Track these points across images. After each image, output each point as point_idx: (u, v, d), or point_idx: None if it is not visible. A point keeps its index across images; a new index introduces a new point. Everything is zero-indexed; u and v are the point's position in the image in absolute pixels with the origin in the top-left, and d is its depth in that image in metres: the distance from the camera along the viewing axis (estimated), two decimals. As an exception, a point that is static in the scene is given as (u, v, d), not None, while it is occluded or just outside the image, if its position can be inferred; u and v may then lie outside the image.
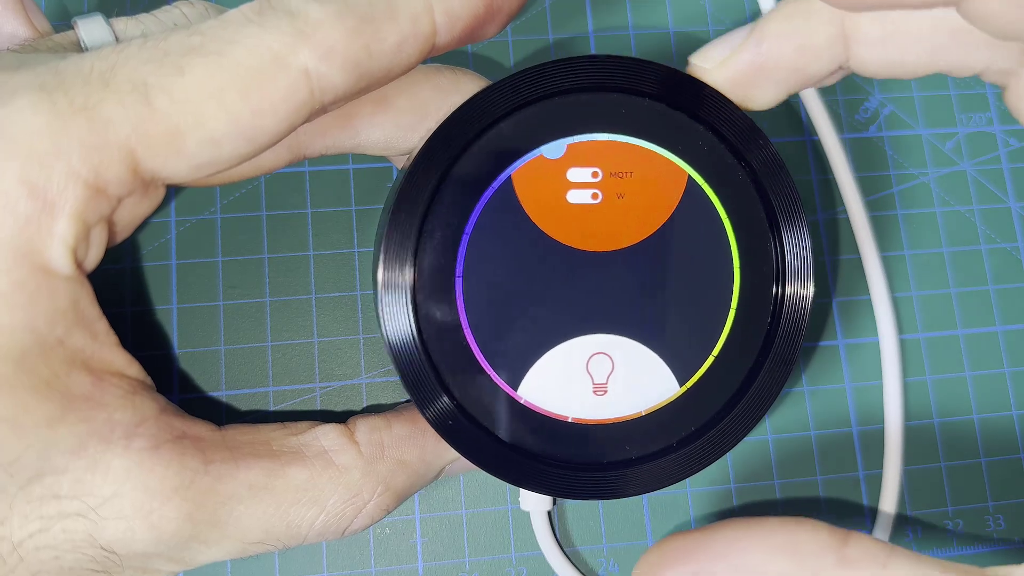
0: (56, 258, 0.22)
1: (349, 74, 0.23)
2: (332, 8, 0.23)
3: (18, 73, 0.23)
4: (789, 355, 0.27)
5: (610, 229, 0.27)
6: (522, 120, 0.27)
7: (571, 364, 0.27)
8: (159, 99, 0.22)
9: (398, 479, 0.27)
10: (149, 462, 0.24)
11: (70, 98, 0.22)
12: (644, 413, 0.28)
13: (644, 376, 0.27)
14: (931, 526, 0.33)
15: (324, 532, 0.27)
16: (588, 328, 0.27)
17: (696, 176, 0.27)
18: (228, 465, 0.25)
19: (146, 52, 0.23)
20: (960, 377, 0.35)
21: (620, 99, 0.27)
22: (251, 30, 0.23)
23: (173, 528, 0.24)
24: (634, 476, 0.27)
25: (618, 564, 0.32)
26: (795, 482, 0.33)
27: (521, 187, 0.27)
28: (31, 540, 0.23)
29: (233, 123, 0.22)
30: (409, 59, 0.24)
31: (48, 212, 0.22)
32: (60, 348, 0.23)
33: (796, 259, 0.28)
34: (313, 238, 0.33)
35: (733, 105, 0.27)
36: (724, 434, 0.27)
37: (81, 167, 0.22)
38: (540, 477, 0.27)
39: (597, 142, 0.27)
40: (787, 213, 0.27)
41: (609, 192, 0.27)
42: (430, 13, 0.24)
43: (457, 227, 0.26)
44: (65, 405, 0.23)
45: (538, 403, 0.27)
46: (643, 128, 0.27)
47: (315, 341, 0.33)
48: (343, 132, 0.27)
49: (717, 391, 0.28)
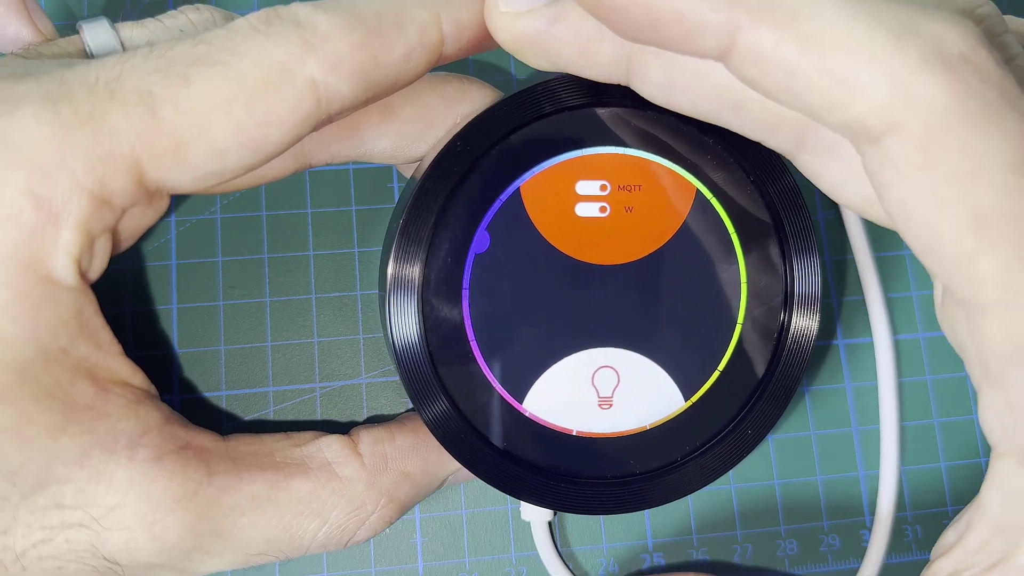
0: (60, 269, 0.22)
1: (356, 84, 0.23)
2: (340, 19, 0.23)
3: (23, 82, 0.22)
4: (795, 372, 0.27)
5: (618, 242, 0.27)
6: (532, 133, 0.26)
7: (577, 377, 0.27)
8: (165, 110, 0.22)
9: (401, 491, 0.27)
10: (152, 472, 0.24)
11: (75, 108, 0.22)
12: (649, 427, 0.28)
13: (649, 390, 0.27)
14: (931, 526, 0.33)
15: (327, 544, 0.27)
16: (594, 341, 0.27)
17: (705, 191, 0.27)
18: (231, 476, 0.25)
19: (152, 62, 0.22)
20: (960, 377, 0.35)
21: (630, 113, 0.27)
22: (258, 40, 0.22)
23: (176, 539, 0.24)
24: (637, 491, 0.27)
25: (618, 564, 0.32)
26: (795, 482, 0.33)
27: (530, 199, 0.27)
28: (34, 550, 0.23)
29: (239, 134, 0.22)
30: (416, 69, 0.24)
31: (52, 223, 0.22)
32: (64, 358, 0.23)
33: (805, 285, 0.28)
34: (313, 238, 0.33)
35: None
36: (728, 450, 0.27)
37: (85, 178, 0.22)
38: (543, 490, 0.27)
39: (606, 155, 0.27)
40: (800, 241, 0.27)
41: (617, 205, 0.27)
42: (437, 24, 0.24)
43: (465, 238, 0.26)
44: (68, 415, 0.23)
45: (543, 416, 0.27)
46: (653, 142, 0.27)
47: (315, 341, 0.33)
48: (349, 141, 0.27)
49: (722, 407, 0.28)
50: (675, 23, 0.20)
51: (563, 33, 0.23)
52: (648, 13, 0.20)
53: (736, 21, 0.19)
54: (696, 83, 0.23)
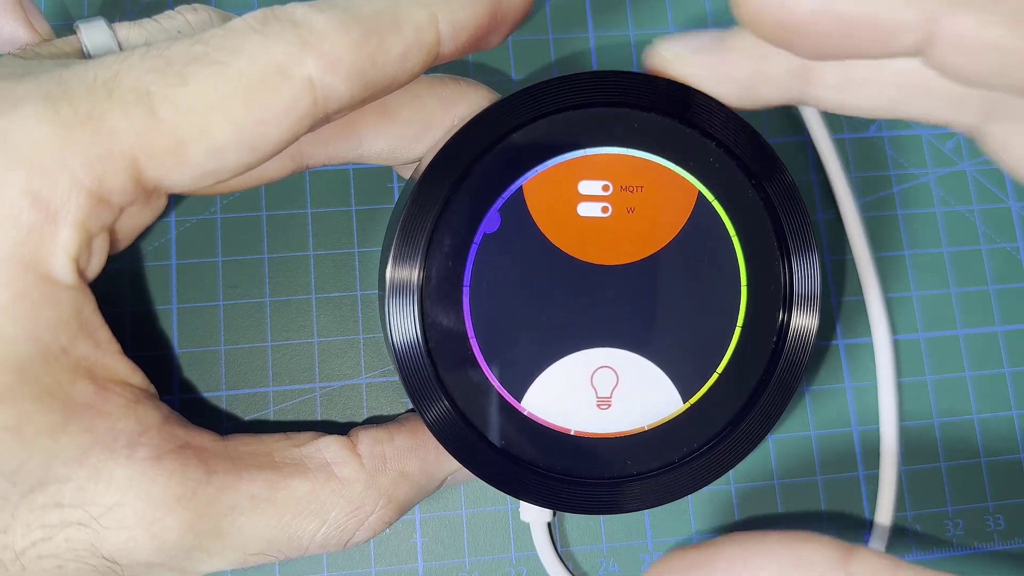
0: (59, 267, 0.22)
1: (353, 84, 0.23)
2: (337, 18, 0.23)
3: (22, 82, 0.22)
4: (794, 375, 0.27)
5: (619, 243, 0.27)
6: (535, 132, 0.26)
7: (576, 377, 0.27)
8: (163, 109, 0.22)
9: (400, 491, 0.27)
10: (152, 472, 0.24)
11: (74, 108, 0.22)
12: (647, 428, 0.28)
13: (648, 391, 0.27)
14: (931, 526, 0.33)
15: (326, 544, 0.27)
16: (594, 341, 0.27)
17: (706, 192, 0.27)
18: (231, 476, 0.25)
19: (149, 61, 0.22)
20: (960, 377, 0.35)
21: (633, 113, 0.27)
22: (255, 40, 0.22)
23: (175, 538, 0.24)
24: (635, 491, 0.27)
25: (618, 564, 0.32)
26: (795, 482, 0.33)
27: (532, 198, 0.27)
28: (34, 549, 0.23)
29: (237, 133, 0.22)
30: (413, 69, 0.24)
31: (51, 222, 0.22)
32: (63, 357, 0.23)
33: (804, 286, 0.28)
34: (313, 238, 0.33)
35: (749, 126, 0.27)
36: (726, 452, 0.27)
37: (84, 177, 0.22)
38: (541, 490, 0.27)
39: (609, 155, 0.27)
40: (799, 243, 0.27)
41: (619, 206, 0.27)
42: (434, 23, 0.24)
43: (466, 236, 0.26)
44: (68, 414, 0.23)
45: (541, 415, 0.27)
46: (655, 143, 0.27)
47: (315, 341, 0.33)
48: (346, 142, 0.27)
49: (721, 409, 0.28)
50: (871, 28, 0.20)
51: (734, 63, 0.25)
52: (840, 24, 0.20)
53: (932, 12, 0.20)
54: (875, 76, 0.24)
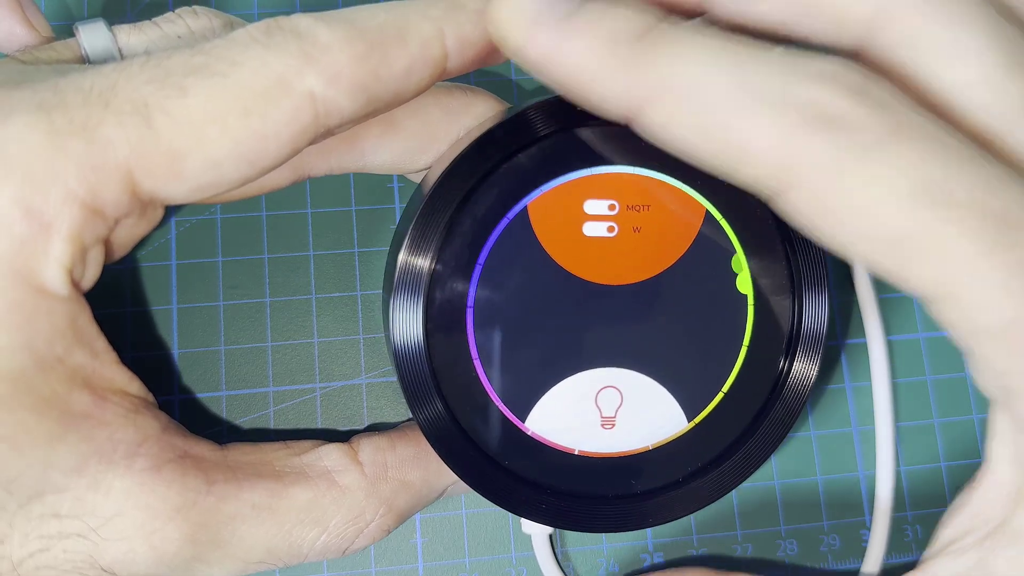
0: (52, 279, 0.22)
1: (356, 98, 0.22)
2: (341, 31, 0.22)
3: (17, 90, 0.22)
4: (799, 396, 0.27)
5: (625, 263, 0.27)
6: (540, 151, 0.26)
7: (580, 397, 0.27)
8: (160, 120, 0.21)
9: (401, 500, 0.27)
10: (151, 482, 0.24)
11: (69, 118, 0.21)
12: (651, 448, 0.27)
13: (652, 411, 0.27)
14: (931, 526, 0.33)
15: (325, 551, 0.27)
16: (598, 361, 0.27)
17: (714, 211, 0.27)
18: (230, 485, 0.25)
19: (148, 71, 0.22)
20: (960, 377, 0.35)
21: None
22: (257, 51, 0.22)
23: (175, 549, 0.24)
24: (637, 511, 0.27)
25: (618, 564, 0.32)
26: (795, 482, 0.33)
27: (537, 218, 0.26)
28: (31, 559, 0.23)
29: (235, 146, 0.22)
30: (419, 84, 0.24)
31: (44, 233, 0.22)
32: (60, 367, 0.23)
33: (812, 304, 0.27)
34: (313, 238, 0.33)
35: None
36: (730, 472, 0.27)
37: (78, 188, 0.21)
38: (543, 508, 0.27)
39: (616, 174, 0.27)
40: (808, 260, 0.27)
41: (625, 225, 0.27)
42: (440, 38, 0.23)
43: (471, 256, 0.26)
44: (65, 424, 0.23)
45: (545, 435, 0.27)
46: (662, 161, 0.27)
47: (315, 341, 0.33)
48: (349, 154, 0.27)
49: (725, 428, 0.28)
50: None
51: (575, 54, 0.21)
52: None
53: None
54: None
